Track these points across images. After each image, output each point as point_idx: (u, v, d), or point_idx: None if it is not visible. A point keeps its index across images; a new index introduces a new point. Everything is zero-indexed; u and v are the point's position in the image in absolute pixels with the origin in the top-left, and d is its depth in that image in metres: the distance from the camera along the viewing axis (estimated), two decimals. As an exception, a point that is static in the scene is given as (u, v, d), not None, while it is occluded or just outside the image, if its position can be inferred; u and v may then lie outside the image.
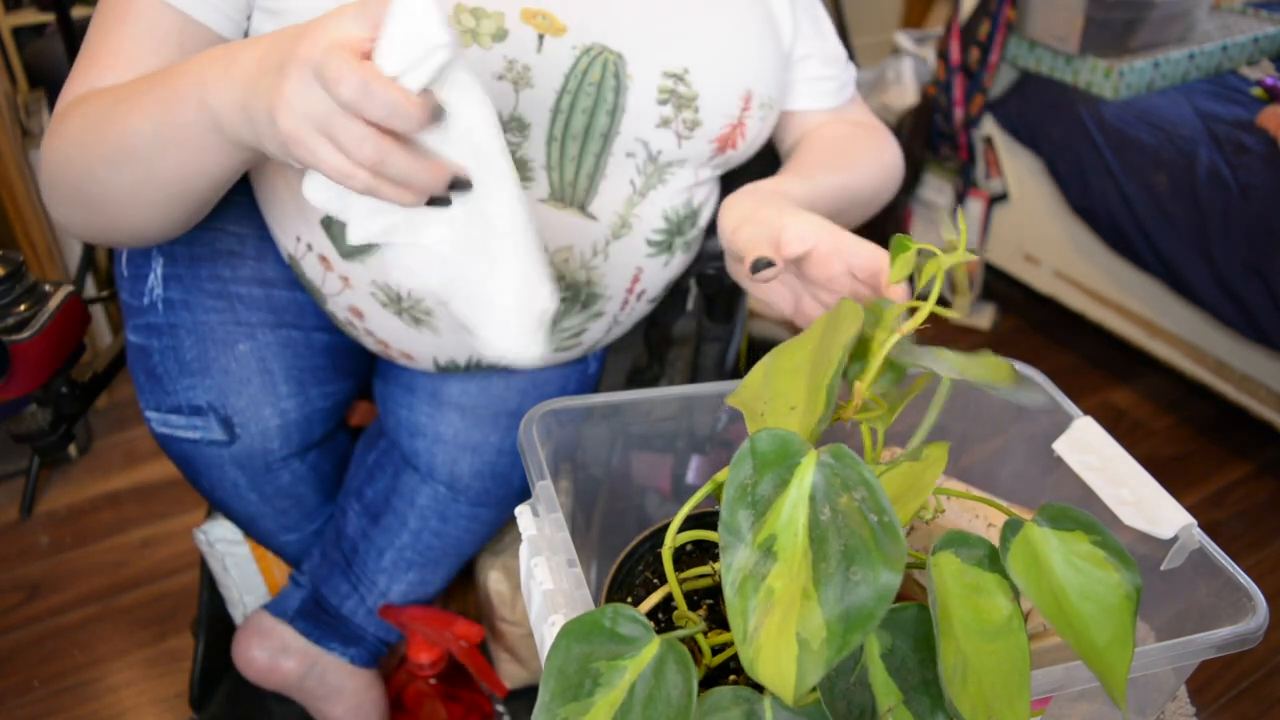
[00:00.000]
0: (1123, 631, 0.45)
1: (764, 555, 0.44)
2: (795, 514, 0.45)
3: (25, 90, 2.08)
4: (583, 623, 0.46)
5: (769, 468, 0.46)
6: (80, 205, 0.70)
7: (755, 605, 0.43)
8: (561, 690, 0.44)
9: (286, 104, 0.53)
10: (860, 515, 0.44)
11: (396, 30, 0.51)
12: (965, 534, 0.49)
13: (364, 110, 0.51)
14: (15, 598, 1.51)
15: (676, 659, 0.46)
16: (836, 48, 0.91)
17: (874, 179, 0.87)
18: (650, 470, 0.83)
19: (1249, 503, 1.76)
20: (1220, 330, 1.79)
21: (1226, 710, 1.39)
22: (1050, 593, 0.46)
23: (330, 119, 0.52)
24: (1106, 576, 0.46)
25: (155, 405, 0.86)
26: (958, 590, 0.47)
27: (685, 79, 0.75)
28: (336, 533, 0.99)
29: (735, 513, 0.45)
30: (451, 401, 0.92)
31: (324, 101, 0.52)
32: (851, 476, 0.45)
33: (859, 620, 0.41)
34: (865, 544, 0.43)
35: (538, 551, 0.59)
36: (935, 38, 2.31)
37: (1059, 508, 0.48)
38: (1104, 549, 0.47)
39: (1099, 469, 0.69)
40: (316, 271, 0.82)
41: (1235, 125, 1.80)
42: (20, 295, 0.85)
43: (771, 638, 0.41)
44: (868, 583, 0.42)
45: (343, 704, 1.02)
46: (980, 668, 0.45)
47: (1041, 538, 0.47)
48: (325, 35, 0.52)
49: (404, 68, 0.51)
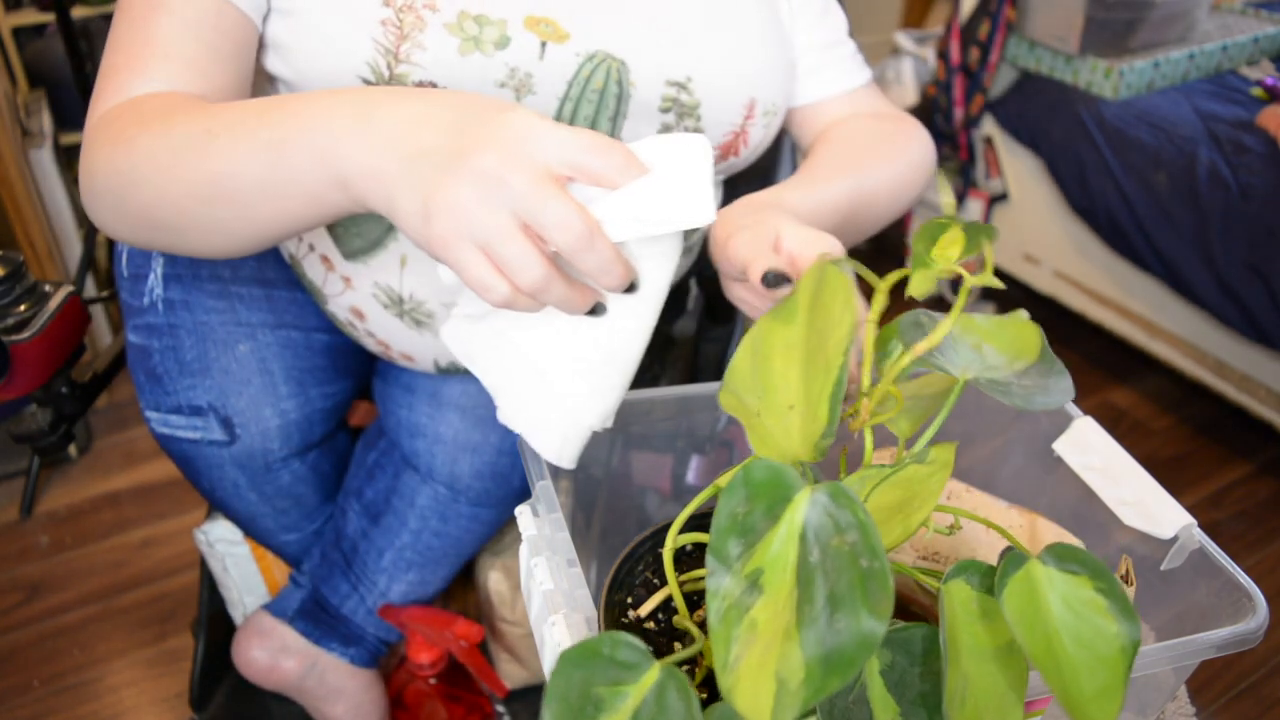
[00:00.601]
0: (1114, 684, 0.43)
1: (750, 586, 0.43)
2: (785, 550, 0.44)
3: (25, 90, 2.08)
4: (582, 649, 0.46)
5: (761, 499, 0.45)
6: (145, 223, 0.65)
7: (738, 635, 0.42)
8: (564, 715, 0.44)
9: (450, 211, 0.49)
10: (850, 558, 0.43)
11: (649, 188, 0.48)
12: (977, 563, 0.48)
13: (576, 261, 0.49)
14: (15, 598, 1.51)
15: (676, 686, 0.45)
16: (835, 33, 0.87)
17: (892, 180, 0.81)
18: (650, 470, 0.83)
19: (1249, 503, 1.76)
20: (1220, 330, 1.79)
21: (1226, 710, 1.39)
22: (1043, 634, 0.45)
23: (499, 242, 0.49)
24: (1106, 626, 0.45)
25: (155, 405, 0.86)
26: (966, 617, 0.46)
27: (688, 87, 0.75)
28: (336, 533, 0.99)
29: (725, 540, 0.44)
30: (451, 402, 0.92)
31: (496, 222, 0.49)
32: (845, 519, 0.44)
33: (839, 665, 0.40)
34: (852, 590, 0.42)
35: (538, 551, 0.59)
36: (935, 38, 2.31)
37: (1069, 549, 0.47)
38: (1107, 598, 0.45)
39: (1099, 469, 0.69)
40: (318, 272, 0.82)
41: (1235, 125, 1.80)
42: (20, 295, 0.85)
43: (751, 671, 0.41)
44: (851, 631, 0.41)
45: (343, 704, 1.02)
46: (978, 688, 0.44)
47: (1044, 576, 0.46)
48: (520, 152, 0.48)
49: (633, 224, 0.49)
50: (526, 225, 0.49)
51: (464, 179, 0.49)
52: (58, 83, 2.08)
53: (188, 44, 0.66)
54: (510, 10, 0.70)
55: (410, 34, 0.68)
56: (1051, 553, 0.47)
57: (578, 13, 0.71)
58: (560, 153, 0.50)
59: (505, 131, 0.49)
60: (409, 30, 0.68)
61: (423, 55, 0.67)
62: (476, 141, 0.49)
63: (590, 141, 0.50)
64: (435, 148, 0.51)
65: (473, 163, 0.49)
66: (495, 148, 0.49)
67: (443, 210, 0.50)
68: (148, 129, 0.62)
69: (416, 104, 0.54)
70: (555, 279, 0.50)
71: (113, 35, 0.69)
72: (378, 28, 0.68)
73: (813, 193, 0.72)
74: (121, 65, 0.67)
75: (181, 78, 0.66)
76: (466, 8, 0.69)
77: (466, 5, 0.68)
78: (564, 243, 0.49)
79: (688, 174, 0.50)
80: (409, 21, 0.68)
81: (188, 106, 0.63)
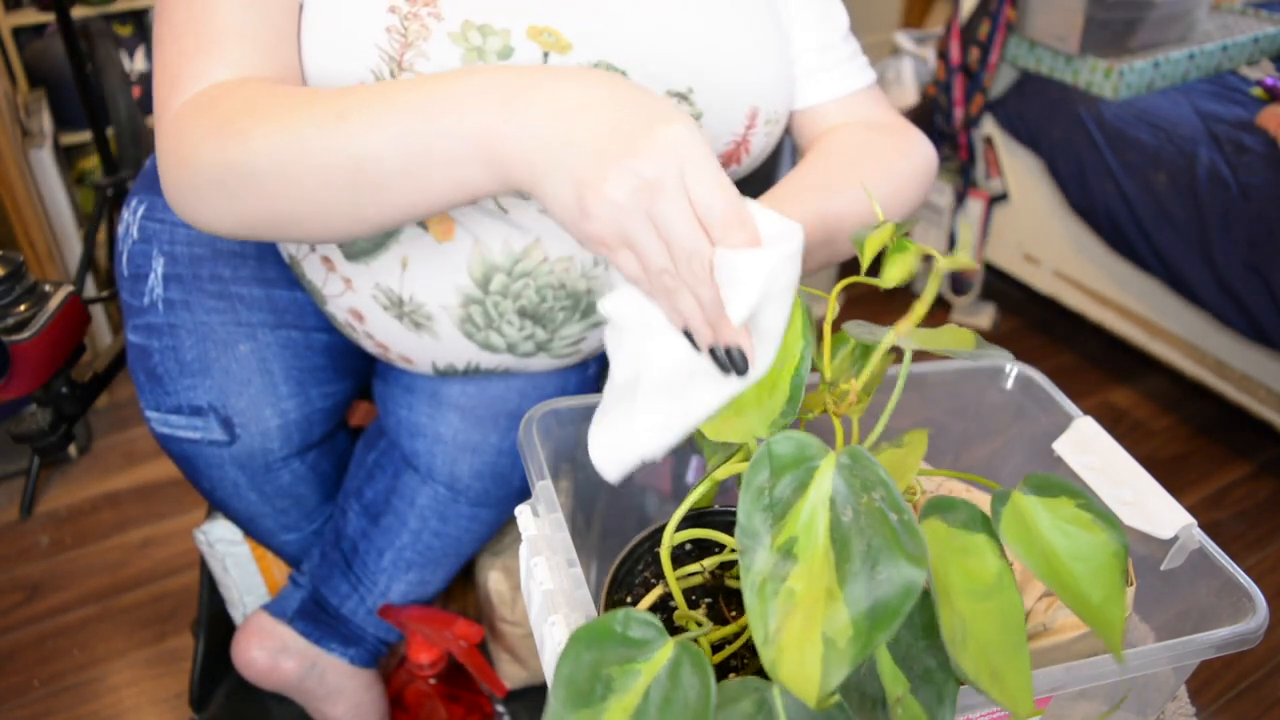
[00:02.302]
0: (1114, 589, 0.46)
1: (783, 558, 0.44)
2: (815, 516, 0.45)
3: (25, 90, 2.09)
4: (592, 629, 0.46)
5: (786, 471, 0.47)
6: (262, 216, 0.64)
7: (776, 608, 0.43)
8: (571, 697, 0.44)
9: (607, 213, 0.52)
10: (881, 515, 0.44)
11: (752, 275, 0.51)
12: (949, 499, 0.50)
13: (685, 278, 0.51)
14: (15, 598, 1.51)
15: (692, 661, 0.45)
16: (834, 35, 0.85)
17: (880, 194, 0.78)
18: (650, 470, 0.83)
19: (1249, 503, 1.76)
20: (1220, 330, 1.79)
21: (1226, 710, 1.39)
22: (1043, 557, 0.47)
23: (641, 239, 0.52)
24: (1093, 538, 0.47)
25: (155, 405, 0.86)
26: (948, 555, 0.48)
27: (690, 98, 0.75)
28: (336, 533, 0.99)
29: (752, 516, 0.46)
30: (451, 402, 0.92)
31: (642, 224, 0.51)
32: (870, 477, 0.46)
33: (885, 617, 0.41)
34: (888, 542, 0.43)
35: (538, 551, 0.59)
36: (935, 38, 2.31)
37: (1042, 477, 0.50)
38: (1088, 511, 0.48)
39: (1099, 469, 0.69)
40: (318, 272, 0.82)
41: (1235, 125, 1.80)
42: (20, 295, 0.85)
43: (795, 639, 0.42)
44: (894, 580, 0.42)
45: (343, 704, 1.02)
46: (978, 628, 0.45)
47: (1029, 505, 0.49)
48: (676, 170, 0.51)
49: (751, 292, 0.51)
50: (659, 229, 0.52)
51: (623, 182, 0.51)
52: (58, 83, 2.08)
53: (253, 22, 0.65)
54: (513, 20, 0.69)
55: (415, 42, 0.68)
56: (1028, 483, 0.49)
57: (580, 23, 0.71)
58: (702, 195, 0.51)
59: (667, 147, 0.51)
60: (413, 38, 0.68)
61: (426, 64, 0.67)
62: (637, 149, 0.51)
63: (725, 212, 0.52)
64: (594, 142, 0.52)
65: (632, 167, 0.50)
66: (655, 160, 0.50)
67: (599, 211, 0.52)
68: (264, 119, 0.60)
69: (578, 89, 0.54)
70: (680, 288, 0.53)
71: (168, 21, 0.67)
72: (383, 34, 0.68)
73: (789, 209, 0.71)
74: (193, 50, 0.65)
75: (254, 59, 0.65)
76: (471, 17, 0.68)
77: (471, 14, 0.68)
78: (677, 253, 0.52)
79: (780, 274, 0.52)
80: (414, 30, 0.68)
81: (299, 93, 0.62)
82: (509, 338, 0.82)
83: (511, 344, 0.82)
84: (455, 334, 0.81)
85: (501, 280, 0.77)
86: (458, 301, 0.79)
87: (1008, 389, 0.80)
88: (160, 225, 0.84)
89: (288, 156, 0.59)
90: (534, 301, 0.79)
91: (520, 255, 0.76)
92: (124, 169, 1.65)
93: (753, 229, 0.52)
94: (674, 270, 0.52)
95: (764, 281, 0.51)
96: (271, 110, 0.61)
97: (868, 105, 0.86)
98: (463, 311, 0.79)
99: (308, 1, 0.70)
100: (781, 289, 0.52)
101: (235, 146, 0.60)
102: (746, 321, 0.52)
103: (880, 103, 0.87)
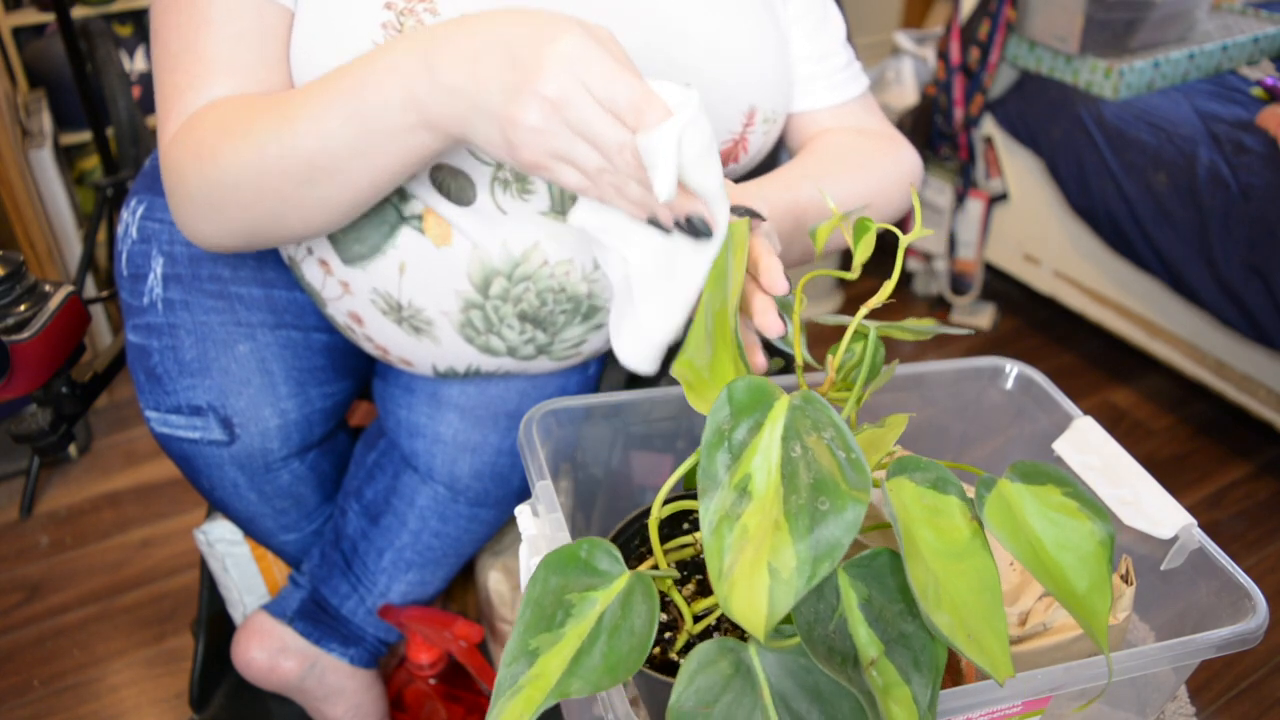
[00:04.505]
0: (1100, 578, 0.46)
1: (740, 495, 0.45)
2: (769, 454, 0.47)
3: (25, 90, 2.08)
4: (560, 555, 0.48)
5: (745, 413, 0.48)
6: (246, 223, 0.69)
7: (730, 543, 0.44)
8: (536, 620, 0.46)
9: (524, 138, 0.56)
10: (829, 451, 0.46)
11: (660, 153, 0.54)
12: (916, 458, 0.51)
13: (617, 165, 0.55)
14: (15, 598, 1.51)
15: (643, 590, 0.47)
16: (833, 42, 0.87)
17: (860, 194, 0.81)
18: (650, 470, 0.83)
19: (1249, 503, 1.76)
20: (1220, 330, 1.79)
21: (1226, 710, 1.39)
22: (1028, 544, 0.47)
23: (571, 151, 0.55)
24: (1080, 526, 0.48)
25: (155, 405, 0.86)
26: (918, 512, 0.48)
27: None
28: (336, 533, 0.99)
29: (714, 457, 0.47)
30: (451, 402, 0.92)
31: (565, 138, 0.55)
32: (821, 418, 0.47)
33: (827, 549, 0.42)
34: (833, 476, 0.44)
35: (538, 551, 0.59)
36: (935, 38, 2.31)
37: (1030, 464, 0.50)
38: (1076, 500, 0.48)
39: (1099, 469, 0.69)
40: (316, 275, 0.82)
41: (1235, 125, 1.80)
42: (20, 295, 0.85)
43: (745, 573, 0.43)
44: (835, 511, 0.43)
45: (342, 704, 1.02)
46: (952, 588, 0.46)
47: (1015, 493, 0.49)
48: (572, 79, 0.54)
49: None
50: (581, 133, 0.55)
51: (532, 107, 0.55)
52: (58, 83, 2.08)
53: (240, 55, 0.69)
54: None
55: None
56: (1015, 470, 0.50)
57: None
58: (604, 92, 0.54)
59: (560, 62, 0.54)
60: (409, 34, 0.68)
61: None
62: (534, 71, 0.55)
63: (630, 99, 0.54)
64: (497, 81, 0.56)
65: (535, 90, 0.54)
66: (553, 77, 0.54)
67: (520, 142, 0.56)
68: (228, 136, 0.66)
69: (476, 34, 0.58)
70: (627, 181, 0.56)
71: (164, 48, 0.71)
72: (378, 30, 0.68)
73: (774, 194, 0.74)
74: (184, 84, 0.70)
75: (242, 87, 0.70)
76: (467, 11, 0.68)
77: (467, 9, 0.68)
78: (605, 151, 0.55)
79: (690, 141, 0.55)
80: (410, 25, 0.68)
81: (255, 104, 0.67)
82: (509, 341, 0.82)
83: (512, 347, 0.82)
84: (455, 338, 0.81)
85: (501, 284, 0.77)
86: (457, 306, 0.78)
87: (1008, 389, 0.80)
88: (160, 225, 0.84)
89: (253, 165, 0.65)
90: (534, 305, 0.79)
91: (520, 259, 0.76)
92: (124, 169, 1.65)
93: (661, 106, 0.54)
94: (611, 167, 0.55)
95: (675, 149, 0.53)
96: (236, 125, 0.66)
97: (861, 113, 0.89)
98: (462, 316, 0.79)
99: (304, 1, 0.70)
100: (699, 151, 0.55)
101: (210, 165, 0.66)
102: (673, 192, 0.54)
103: (872, 111, 0.91)
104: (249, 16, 0.69)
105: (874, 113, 0.91)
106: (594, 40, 0.55)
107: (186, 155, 0.68)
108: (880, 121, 0.90)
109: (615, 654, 0.45)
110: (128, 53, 2.25)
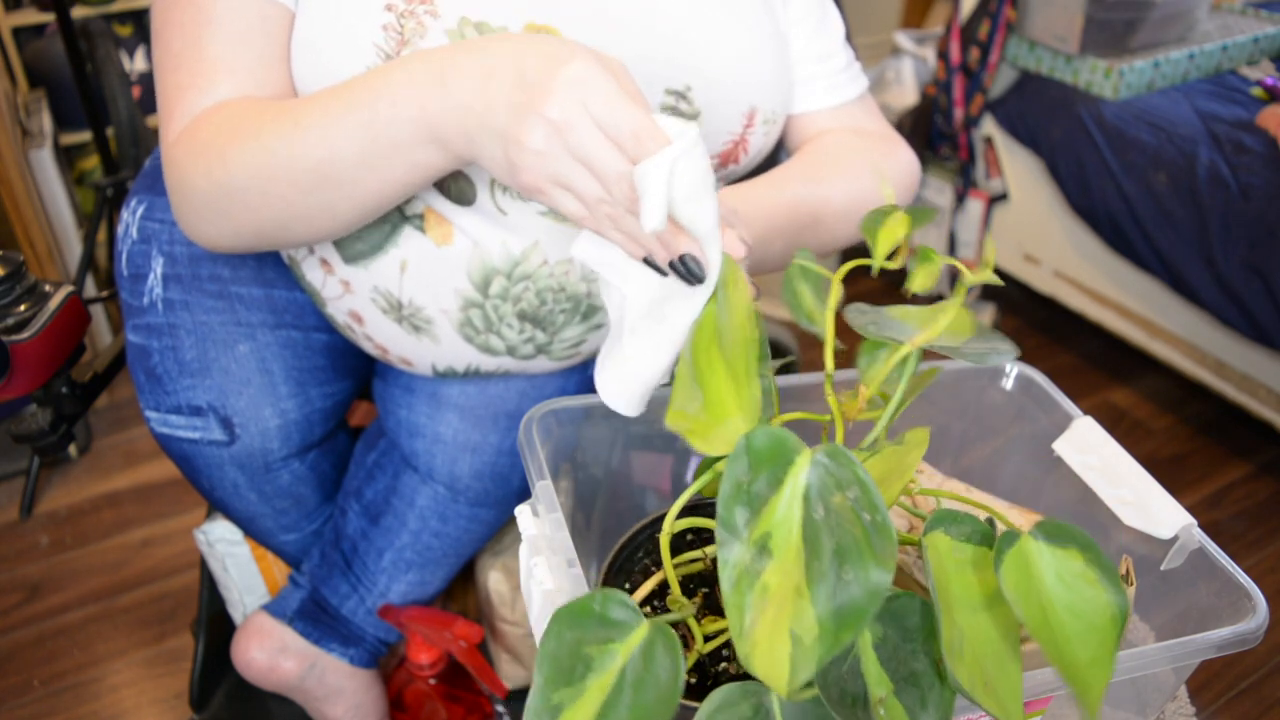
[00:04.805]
0: (1105, 652, 0.45)
1: (759, 552, 0.45)
2: (790, 512, 0.45)
3: (25, 90, 2.08)
4: (573, 609, 0.47)
5: (764, 466, 0.47)
6: (250, 227, 0.70)
7: (751, 601, 0.43)
8: (555, 675, 0.45)
9: (526, 160, 0.56)
10: (853, 514, 0.44)
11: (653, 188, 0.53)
12: (953, 512, 0.50)
13: (614, 194, 0.55)
14: (15, 598, 1.51)
15: (664, 642, 0.46)
16: (832, 43, 0.87)
17: (856, 192, 0.81)
18: (650, 470, 0.83)
19: (1249, 503, 1.76)
20: (1220, 330, 1.79)
21: (1226, 710, 1.39)
22: (1039, 605, 0.46)
23: (570, 177, 0.56)
24: (1095, 596, 0.46)
25: (155, 405, 0.86)
26: (952, 567, 0.48)
27: (688, 96, 0.75)
28: (336, 533, 0.99)
29: (732, 509, 0.46)
30: (451, 402, 0.92)
31: (567, 166, 0.55)
32: (845, 476, 0.46)
33: (850, 618, 0.42)
34: (857, 543, 0.43)
35: (538, 551, 0.59)
36: (935, 38, 2.31)
37: (1058, 525, 0.49)
38: (1097, 569, 0.47)
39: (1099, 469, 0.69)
40: (317, 274, 0.82)
41: (1235, 125, 1.80)
42: (20, 295, 0.85)
43: (766, 634, 0.42)
44: (859, 582, 0.42)
45: (342, 704, 1.02)
46: (975, 639, 0.45)
47: (1036, 551, 0.48)
48: (578, 104, 0.54)
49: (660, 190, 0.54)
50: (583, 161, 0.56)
51: (536, 130, 0.55)
52: (58, 83, 2.08)
53: (243, 56, 0.69)
54: (511, 17, 0.70)
55: (411, 39, 0.68)
56: (1042, 529, 0.49)
57: (578, 21, 0.71)
58: (607, 119, 0.55)
59: (567, 86, 0.55)
60: (410, 36, 0.68)
61: None
62: (541, 93, 0.55)
63: (633, 129, 0.54)
64: (505, 101, 0.57)
65: (541, 113, 0.55)
66: (559, 101, 0.54)
67: (522, 163, 0.57)
68: (236, 139, 0.65)
69: (482, 58, 0.59)
70: (623, 215, 0.56)
71: (166, 49, 0.71)
72: (379, 32, 0.68)
73: (767, 192, 0.74)
74: (186, 85, 0.70)
75: (244, 88, 0.70)
76: (467, 14, 0.69)
77: (467, 11, 0.69)
78: (604, 180, 0.55)
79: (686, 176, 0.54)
80: (410, 27, 0.68)
81: (265, 108, 0.67)
82: (509, 341, 0.82)
83: (511, 347, 0.82)
84: (455, 337, 0.81)
85: (501, 284, 0.77)
86: (457, 305, 0.79)
87: (1008, 389, 0.80)
88: (160, 225, 0.84)
89: (260, 169, 0.65)
90: (534, 305, 0.79)
91: (520, 259, 0.76)
92: (124, 169, 1.65)
93: (663, 138, 0.54)
94: (610, 198, 0.55)
95: (666, 177, 0.53)
96: (243, 128, 0.66)
97: (859, 114, 0.89)
98: (462, 315, 0.79)
99: (304, 2, 0.70)
100: (693, 185, 0.54)
101: (217, 168, 0.66)
102: (662, 222, 0.53)
103: (871, 112, 0.91)
104: (252, 16, 0.69)
105: (873, 114, 0.91)
106: (603, 68, 0.55)
107: (191, 156, 0.67)
108: (879, 123, 0.91)
109: (642, 707, 0.45)
110: (128, 53, 2.25)
